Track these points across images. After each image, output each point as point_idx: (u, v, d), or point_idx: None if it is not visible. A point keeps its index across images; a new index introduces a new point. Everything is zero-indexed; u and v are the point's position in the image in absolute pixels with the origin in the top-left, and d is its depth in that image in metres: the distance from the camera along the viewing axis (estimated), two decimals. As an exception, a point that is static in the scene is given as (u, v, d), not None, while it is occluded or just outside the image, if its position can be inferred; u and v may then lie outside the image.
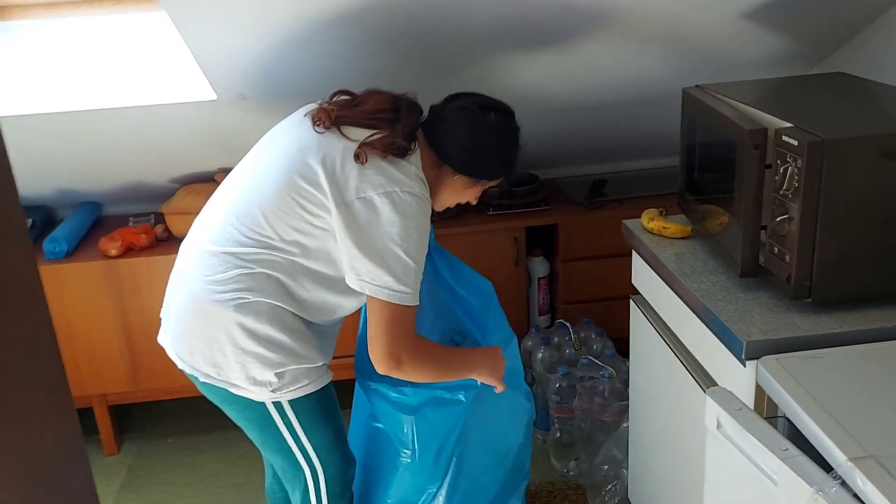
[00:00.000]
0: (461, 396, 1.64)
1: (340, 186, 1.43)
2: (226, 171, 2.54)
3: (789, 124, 1.33)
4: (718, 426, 1.22)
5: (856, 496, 0.99)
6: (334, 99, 1.58)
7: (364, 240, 1.42)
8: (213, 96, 2.04)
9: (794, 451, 1.08)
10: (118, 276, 2.44)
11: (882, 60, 2.09)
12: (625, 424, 2.14)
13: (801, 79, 1.95)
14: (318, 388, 1.55)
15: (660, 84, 2.30)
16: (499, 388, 1.66)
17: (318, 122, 1.50)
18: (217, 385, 1.51)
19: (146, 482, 2.49)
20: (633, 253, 1.84)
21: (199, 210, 2.44)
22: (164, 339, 1.58)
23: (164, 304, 1.62)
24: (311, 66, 1.98)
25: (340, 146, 1.47)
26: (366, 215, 1.42)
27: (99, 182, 2.59)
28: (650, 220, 1.76)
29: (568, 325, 2.57)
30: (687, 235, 1.71)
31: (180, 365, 1.54)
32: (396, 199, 1.43)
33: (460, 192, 1.62)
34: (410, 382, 1.60)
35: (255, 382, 1.48)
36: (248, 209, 1.48)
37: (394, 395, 1.63)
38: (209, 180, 2.56)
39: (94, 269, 2.43)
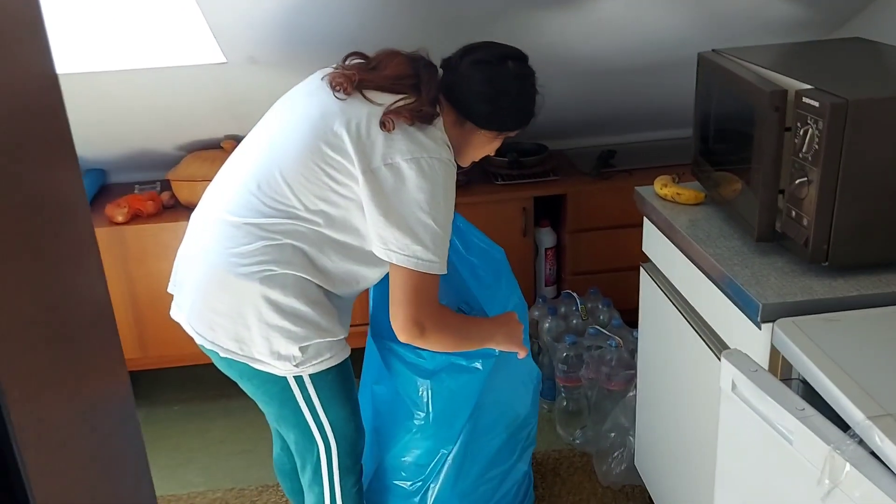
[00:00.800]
0: (478, 365, 1.65)
1: (367, 152, 1.41)
2: (233, 138, 2.54)
3: (809, 86, 1.32)
4: (734, 388, 1.22)
5: (873, 454, 0.99)
6: (348, 62, 1.55)
7: (391, 207, 1.40)
8: (223, 59, 2.02)
9: (810, 410, 1.08)
10: (124, 243, 2.43)
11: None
12: (631, 393, 2.15)
13: (818, 43, 1.93)
14: (339, 361, 1.53)
15: (673, 50, 2.28)
16: (521, 353, 1.65)
17: (338, 88, 1.47)
18: (239, 360, 1.48)
19: (154, 448, 2.49)
20: (645, 220, 1.83)
21: (206, 177, 2.44)
22: (179, 314, 1.55)
23: (172, 279, 1.59)
24: (322, 30, 1.96)
25: (365, 111, 1.44)
26: (392, 182, 1.40)
27: (105, 148, 2.58)
28: (663, 187, 1.75)
29: (575, 295, 2.57)
30: (700, 202, 1.70)
31: (199, 341, 1.51)
32: (424, 165, 1.41)
33: (485, 146, 1.60)
34: None
35: (280, 357, 1.46)
36: (269, 178, 1.44)
37: (411, 356, 1.63)
38: (216, 147, 2.55)
39: (100, 235, 2.37)
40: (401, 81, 1.48)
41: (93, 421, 0.53)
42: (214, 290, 1.46)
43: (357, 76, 1.48)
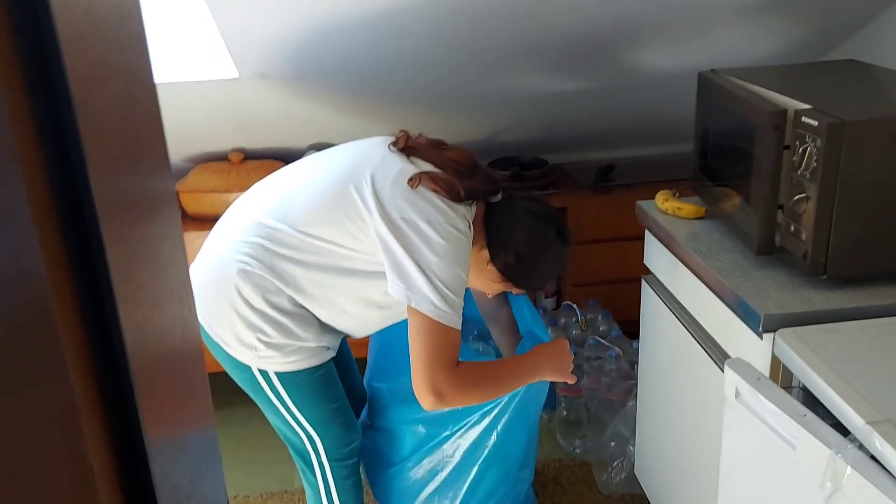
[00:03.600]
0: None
1: (385, 203, 1.42)
2: (240, 151, 2.58)
3: (807, 106, 1.38)
4: (737, 395, 1.27)
5: (873, 458, 1.04)
6: (423, 137, 1.58)
7: (409, 252, 1.40)
8: (235, 74, 2.07)
9: (812, 416, 1.13)
10: (132, 253, 2.46)
11: (892, 49, 2.14)
12: (631, 402, 2.19)
13: (813, 65, 2.00)
14: (309, 366, 1.55)
15: (669, 70, 2.34)
16: (571, 381, 1.68)
17: (395, 143, 1.52)
18: (213, 338, 1.53)
19: (158, 456, 2.53)
20: (647, 233, 1.88)
21: (214, 189, 2.48)
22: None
23: None
24: (336, 52, 2.02)
25: (398, 167, 1.47)
26: (411, 234, 1.41)
27: (113, 160, 2.61)
28: (664, 201, 1.81)
29: (575, 306, 2.62)
30: (701, 216, 1.76)
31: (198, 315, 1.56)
32: (440, 228, 1.41)
33: (485, 281, 1.61)
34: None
35: (243, 344, 1.50)
36: (299, 194, 1.50)
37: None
38: (223, 159, 2.59)
39: None
40: (452, 164, 1.50)
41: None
42: (208, 263, 1.53)
43: (415, 143, 1.52)
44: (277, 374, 1.54)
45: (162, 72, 2.06)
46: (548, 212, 1.58)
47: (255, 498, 2.32)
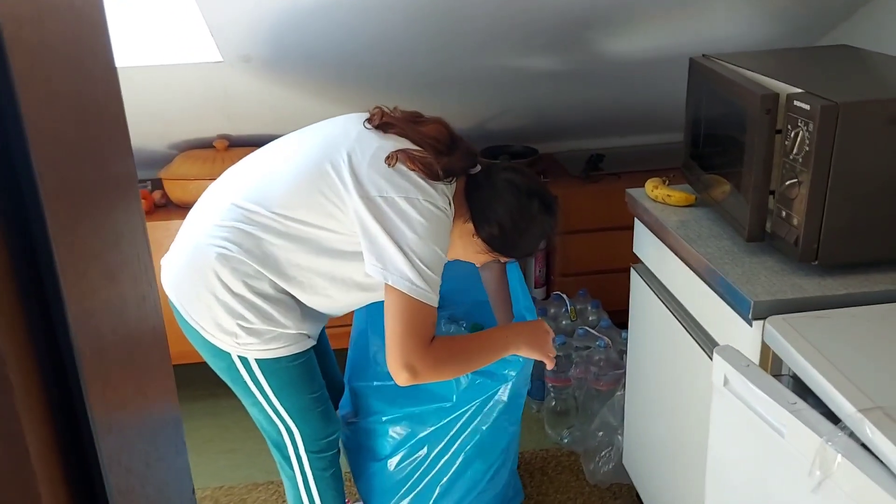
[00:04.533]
0: (511, 372, 1.68)
1: (363, 181, 1.41)
2: (225, 138, 2.55)
3: (799, 90, 1.35)
4: (726, 383, 1.25)
5: (864, 446, 1.01)
6: (399, 110, 1.57)
7: (387, 230, 1.39)
8: (219, 58, 2.03)
9: (802, 404, 1.11)
10: (115, 241, 2.43)
11: (884, 35, 2.12)
12: (619, 392, 2.17)
13: (805, 50, 1.98)
14: (290, 353, 1.52)
15: (660, 56, 2.31)
16: (549, 364, 1.65)
17: (370, 119, 1.51)
18: (191, 324, 1.50)
19: (142, 446, 2.50)
20: (636, 222, 1.86)
21: (198, 176, 2.44)
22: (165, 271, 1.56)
23: None
24: (320, 34, 1.98)
25: (375, 144, 1.45)
26: (389, 212, 1.39)
27: (96, 146, 2.57)
28: (654, 189, 1.78)
29: (564, 296, 2.60)
30: (691, 203, 1.73)
31: (170, 297, 1.51)
32: (419, 205, 1.40)
33: (471, 253, 1.59)
34: None
35: (222, 330, 1.47)
36: (276, 176, 1.47)
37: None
38: (208, 146, 2.55)
39: None
40: (430, 141, 1.48)
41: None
42: (186, 248, 1.49)
43: (391, 119, 1.50)
44: (258, 361, 1.51)
45: (144, 55, 2.02)
46: (530, 183, 1.55)
47: (239, 489, 2.29)
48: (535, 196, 1.54)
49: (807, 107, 1.29)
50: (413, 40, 2.04)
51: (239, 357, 1.51)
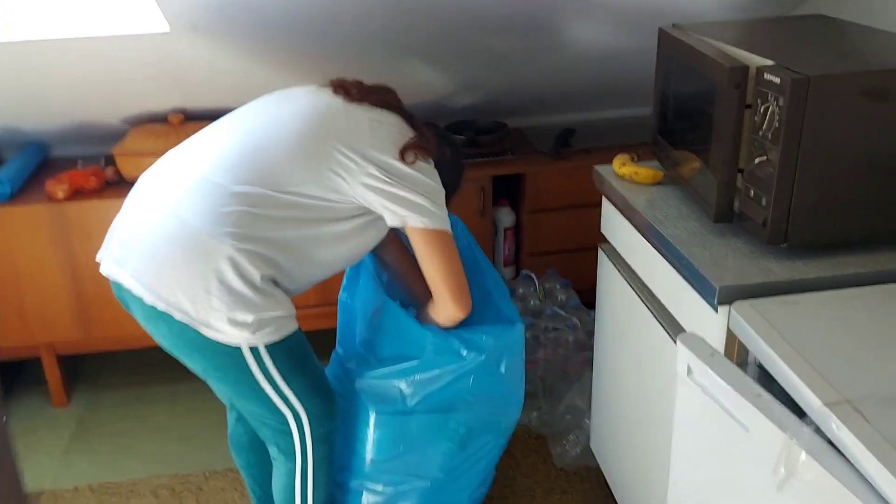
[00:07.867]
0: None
1: (370, 157, 1.50)
2: (180, 112, 2.44)
3: (770, 62, 1.28)
4: (689, 372, 1.19)
5: (830, 442, 0.96)
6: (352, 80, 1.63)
7: (404, 183, 1.52)
8: (166, 28, 1.92)
9: (767, 396, 1.05)
10: (66, 220, 2.32)
11: (861, 4, 2.05)
12: (588, 375, 2.12)
13: (780, 20, 1.90)
14: (295, 329, 1.52)
15: (633, 25, 2.23)
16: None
17: (339, 92, 1.58)
18: (192, 325, 1.42)
19: (96, 434, 2.41)
20: (604, 200, 1.79)
21: (152, 151, 2.33)
22: (121, 273, 1.46)
23: (116, 237, 1.50)
24: (270, 1, 1.88)
25: (366, 116, 1.55)
26: (403, 169, 1.52)
27: (45, 120, 2.46)
28: (622, 166, 1.71)
29: (533, 276, 2.53)
30: (659, 181, 1.66)
31: (150, 300, 1.42)
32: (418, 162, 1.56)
33: None
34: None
35: (236, 324, 1.41)
36: (271, 155, 1.48)
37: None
38: (163, 121, 2.44)
39: (41, 212, 2.31)
40: (402, 110, 1.62)
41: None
42: (183, 246, 1.41)
43: (359, 88, 1.59)
44: (268, 347, 1.47)
45: (88, 26, 1.92)
46: (441, 132, 1.76)
47: (196, 476, 2.22)
48: (448, 144, 1.73)
49: (777, 80, 1.21)
50: (370, 3, 1.94)
51: (250, 348, 1.45)
